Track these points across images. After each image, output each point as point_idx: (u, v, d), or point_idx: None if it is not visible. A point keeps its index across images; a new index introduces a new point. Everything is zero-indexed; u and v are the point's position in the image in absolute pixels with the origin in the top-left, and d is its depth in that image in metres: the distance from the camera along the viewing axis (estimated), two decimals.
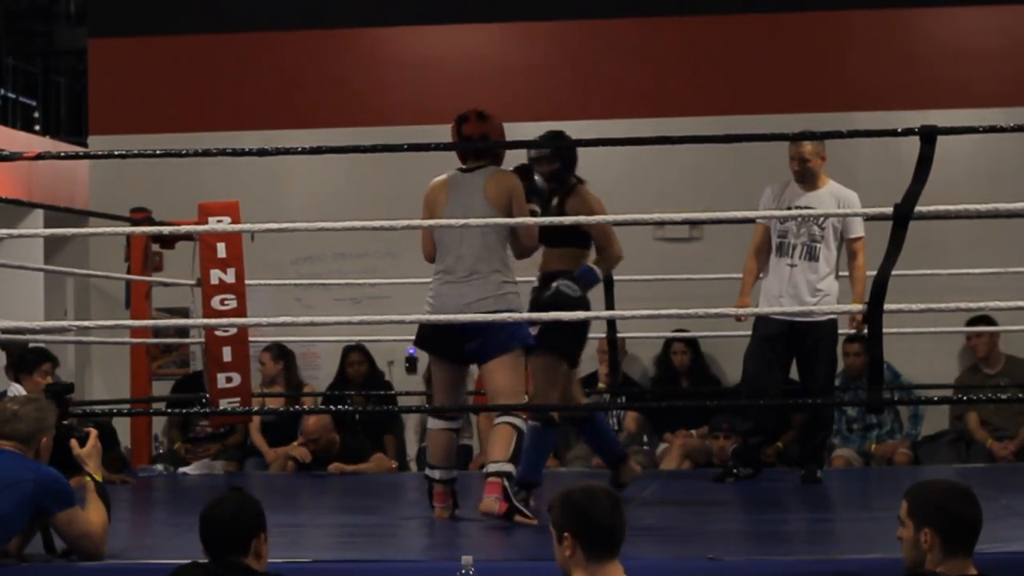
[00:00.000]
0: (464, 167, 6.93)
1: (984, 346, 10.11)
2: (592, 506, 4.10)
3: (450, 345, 6.78)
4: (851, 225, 8.21)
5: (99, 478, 5.63)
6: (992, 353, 10.15)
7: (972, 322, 9.94)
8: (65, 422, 5.84)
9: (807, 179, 8.23)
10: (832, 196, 8.26)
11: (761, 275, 8.37)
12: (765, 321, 8.26)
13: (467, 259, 6.75)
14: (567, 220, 6.87)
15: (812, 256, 8.17)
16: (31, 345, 9.19)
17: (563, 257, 7.16)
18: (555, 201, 7.16)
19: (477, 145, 6.88)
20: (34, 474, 5.40)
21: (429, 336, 6.88)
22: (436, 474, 6.92)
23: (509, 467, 6.57)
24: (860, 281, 8.22)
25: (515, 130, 10.60)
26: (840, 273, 8.31)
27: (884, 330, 6.12)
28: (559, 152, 7.14)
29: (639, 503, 7.34)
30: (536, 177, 7.01)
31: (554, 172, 7.18)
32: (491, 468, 6.58)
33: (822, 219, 8.09)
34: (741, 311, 7.52)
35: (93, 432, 5.72)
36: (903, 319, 6.83)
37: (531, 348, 6.90)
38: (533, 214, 6.86)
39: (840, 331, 8.56)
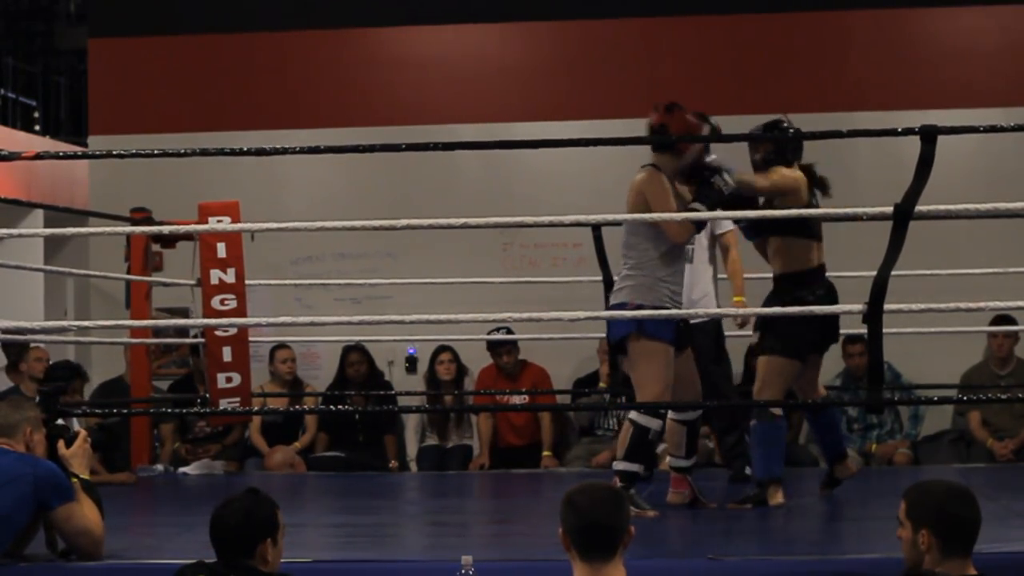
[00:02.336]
0: None
1: (1007, 347, 10.10)
2: (585, 503, 4.08)
3: None
4: (720, 221, 8.13)
5: (85, 477, 5.62)
6: (1010, 354, 10.15)
7: (995, 321, 9.93)
8: (57, 423, 5.83)
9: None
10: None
11: None
12: None
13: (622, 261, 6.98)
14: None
15: (687, 259, 8.14)
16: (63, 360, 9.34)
17: (781, 254, 7.27)
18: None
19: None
20: (33, 468, 5.40)
21: None
22: (671, 462, 7.32)
23: (622, 465, 6.85)
24: (737, 275, 8.24)
25: (514, 130, 10.69)
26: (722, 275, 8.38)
27: (884, 330, 6.11)
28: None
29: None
30: (715, 181, 6.83)
31: (764, 158, 7.21)
32: (614, 465, 6.98)
33: None
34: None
35: (82, 433, 5.72)
36: (903, 319, 6.82)
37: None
38: (694, 212, 6.78)
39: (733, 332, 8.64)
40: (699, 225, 6.94)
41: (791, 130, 7.32)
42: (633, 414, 6.89)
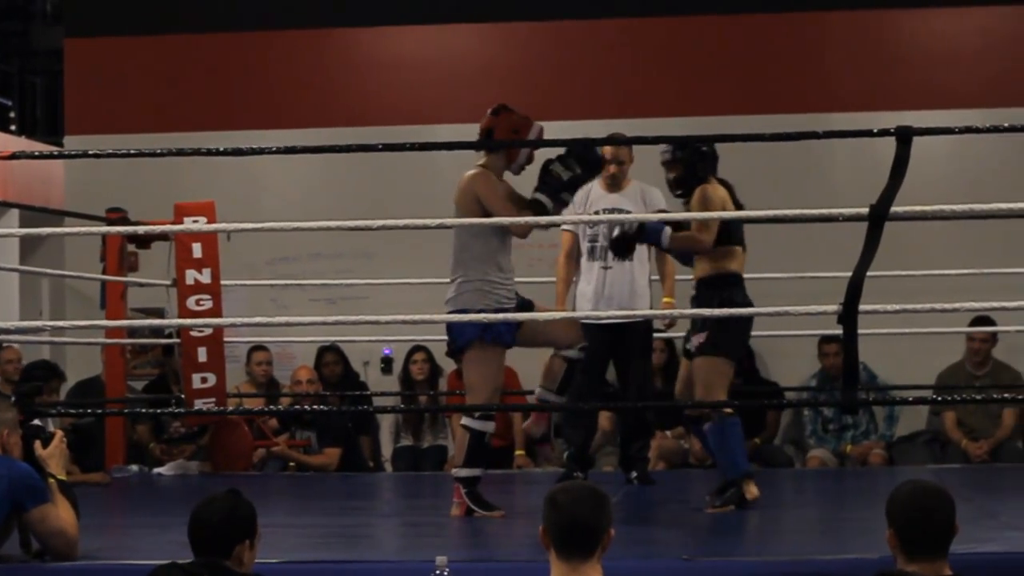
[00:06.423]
0: None
1: (985, 349, 10.10)
2: (566, 502, 4.07)
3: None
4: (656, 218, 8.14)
5: (62, 477, 5.60)
6: (987, 356, 10.16)
7: (975, 323, 9.94)
8: (32, 423, 5.82)
9: (618, 181, 8.19)
10: (638, 194, 8.21)
11: (574, 280, 8.34)
12: (586, 328, 8.02)
13: (452, 263, 6.97)
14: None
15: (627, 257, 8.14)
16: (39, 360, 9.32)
17: (705, 258, 7.18)
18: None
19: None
20: (7, 470, 5.38)
21: None
22: (540, 393, 7.33)
23: (464, 472, 6.96)
24: (670, 276, 8.24)
25: None
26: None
27: (860, 331, 6.12)
28: (680, 158, 7.15)
29: (613, 504, 7.32)
30: (554, 168, 6.87)
31: (676, 178, 7.19)
32: (454, 472, 7.07)
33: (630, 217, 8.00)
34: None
35: (58, 433, 5.71)
36: (879, 320, 6.83)
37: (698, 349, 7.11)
38: (537, 203, 6.80)
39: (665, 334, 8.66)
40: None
41: (704, 149, 7.25)
42: (466, 420, 6.93)
